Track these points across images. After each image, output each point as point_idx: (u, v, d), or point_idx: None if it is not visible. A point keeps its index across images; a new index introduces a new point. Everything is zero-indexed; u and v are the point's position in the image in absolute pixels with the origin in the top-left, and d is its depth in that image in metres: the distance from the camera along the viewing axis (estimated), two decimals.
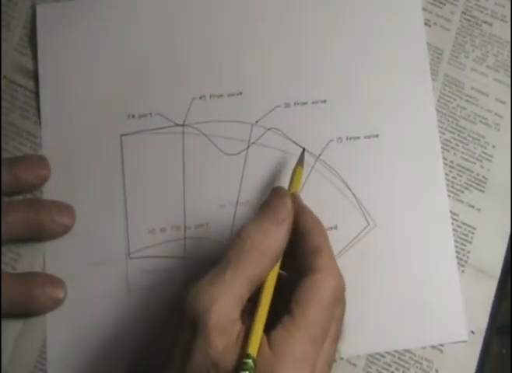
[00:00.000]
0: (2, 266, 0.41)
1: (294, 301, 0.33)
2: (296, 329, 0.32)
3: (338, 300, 0.34)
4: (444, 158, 0.44)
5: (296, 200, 0.37)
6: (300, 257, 0.35)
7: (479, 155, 0.44)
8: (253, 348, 0.31)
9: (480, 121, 0.44)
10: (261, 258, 0.33)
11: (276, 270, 0.35)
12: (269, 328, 0.33)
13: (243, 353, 0.31)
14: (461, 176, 0.44)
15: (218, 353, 0.31)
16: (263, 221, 0.35)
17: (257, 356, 0.31)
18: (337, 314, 0.34)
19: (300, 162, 0.40)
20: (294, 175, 0.40)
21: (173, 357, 0.32)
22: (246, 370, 0.31)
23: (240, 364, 0.31)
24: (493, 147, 0.44)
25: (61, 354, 0.40)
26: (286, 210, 0.35)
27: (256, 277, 0.33)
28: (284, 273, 0.36)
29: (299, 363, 0.31)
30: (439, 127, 0.44)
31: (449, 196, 0.43)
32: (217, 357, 0.31)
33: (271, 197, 0.36)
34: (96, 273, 0.41)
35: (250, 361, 0.31)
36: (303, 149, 0.41)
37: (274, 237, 0.34)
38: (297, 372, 0.31)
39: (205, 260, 0.41)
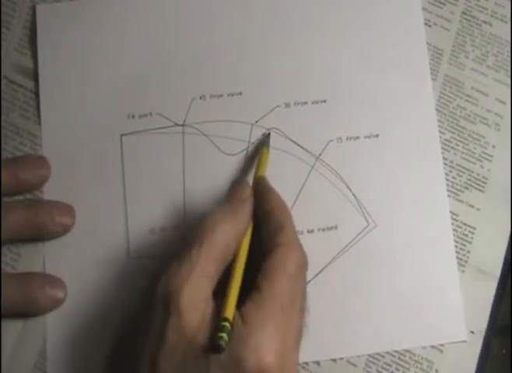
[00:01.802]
0: (2, 266, 0.41)
1: (260, 276, 0.34)
2: (264, 301, 0.33)
3: (302, 273, 0.35)
4: (444, 158, 0.44)
5: (262, 181, 0.39)
6: (265, 236, 0.36)
7: (479, 155, 0.44)
8: (229, 312, 0.32)
9: (480, 121, 0.44)
10: (223, 238, 0.34)
11: (247, 241, 0.36)
12: (241, 305, 0.33)
13: (220, 318, 0.32)
14: (461, 176, 0.44)
15: (192, 331, 0.32)
16: (224, 206, 0.36)
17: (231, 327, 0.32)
18: (300, 287, 0.35)
19: (266, 143, 0.41)
20: (260, 157, 0.40)
21: (148, 343, 0.33)
22: (224, 332, 0.31)
23: (216, 330, 0.31)
24: (493, 147, 0.44)
25: (61, 354, 0.40)
26: (245, 194, 0.37)
27: (220, 257, 0.34)
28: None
29: (271, 333, 0.32)
30: (439, 127, 0.44)
31: (449, 196, 0.43)
32: (192, 335, 0.32)
33: (232, 186, 0.38)
34: (96, 273, 0.41)
35: (227, 324, 0.31)
36: (269, 133, 0.42)
37: (234, 219, 0.35)
38: (269, 342, 0.32)
39: None
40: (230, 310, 0.32)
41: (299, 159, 0.43)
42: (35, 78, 0.44)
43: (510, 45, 0.45)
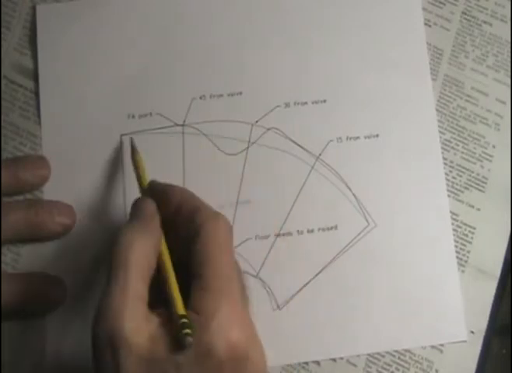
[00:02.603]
0: (2, 266, 0.41)
1: (196, 262, 0.33)
2: (209, 284, 0.32)
3: (230, 239, 0.35)
4: (444, 158, 0.44)
5: (154, 185, 0.38)
6: (184, 225, 0.35)
7: (479, 155, 0.44)
8: (181, 309, 0.31)
9: (480, 121, 0.44)
10: (143, 254, 0.33)
11: (165, 245, 0.35)
12: (187, 301, 0.32)
13: (176, 317, 0.31)
14: (461, 176, 0.44)
15: (147, 351, 0.30)
16: (132, 224, 0.35)
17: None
18: (232, 252, 0.35)
19: (133, 149, 0.41)
20: (137, 165, 0.40)
21: None
22: (186, 328, 0.30)
23: (178, 330, 0.30)
24: (493, 147, 0.44)
25: (61, 354, 0.40)
26: (150, 209, 0.36)
27: (145, 273, 0.33)
28: None
29: (226, 310, 0.32)
30: (439, 127, 0.44)
31: (449, 196, 0.43)
32: (148, 354, 0.30)
33: (134, 206, 0.37)
34: (96, 273, 0.41)
35: (186, 320, 0.31)
36: (131, 138, 0.42)
37: (147, 233, 0.34)
38: (228, 319, 0.31)
39: None
40: (181, 307, 0.32)
41: (299, 159, 0.43)
42: (35, 78, 0.44)
43: (510, 45, 0.45)
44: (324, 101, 0.44)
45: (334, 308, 0.41)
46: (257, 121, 0.43)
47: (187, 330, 0.30)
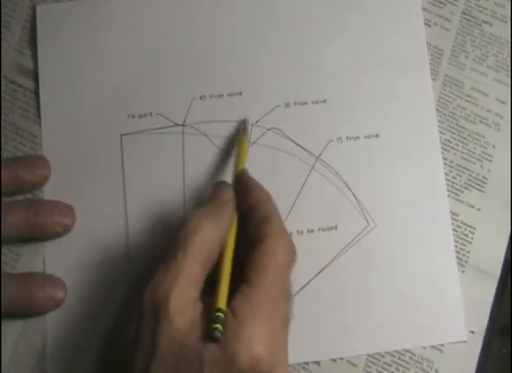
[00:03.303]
0: (2, 266, 0.41)
1: (249, 269, 0.34)
2: (254, 294, 0.33)
3: (291, 262, 0.35)
4: (444, 158, 0.44)
5: (244, 174, 0.38)
6: (251, 228, 0.35)
7: (479, 155, 0.44)
8: (222, 303, 0.32)
9: (480, 121, 0.44)
10: (208, 240, 0.34)
11: (232, 239, 0.35)
12: (230, 300, 0.33)
13: (214, 309, 0.31)
14: (461, 176, 0.44)
15: (183, 335, 0.31)
16: (206, 207, 0.36)
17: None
18: (288, 276, 0.35)
19: (243, 130, 0.41)
20: (239, 147, 0.40)
21: (139, 352, 0.32)
22: (218, 322, 0.31)
23: (210, 321, 0.31)
24: (493, 147, 0.44)
25: (61, 354, 0.40)
26: (227, 196, 0.36)
27: (205, 259, 0.34)
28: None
29: (261, 324, 0.32)
30: (439, 127, 0.44)
31: (449, 196, 0.43)
32: (183, 339, 0.31)
33: (213, 187, 0.37)
34: (96, 273, 0.41)
35: (221, 314, 0.31)
36: (245, 119, 0.42)
37: (217, 220, 0.35)
38: (260, 333, 0.32)
39: None
40: (222, 301, 0.32)
41: (299, 159, 0.43)
42: (35, 78, 0.44)
43: (510, 45, 0.45)
44: (324, 101, 0.44)
45: (334, 308, 0.41)
46: (257, 121, 0.43)
47: (218, 325, 0.31)
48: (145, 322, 0.32)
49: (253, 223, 0.36)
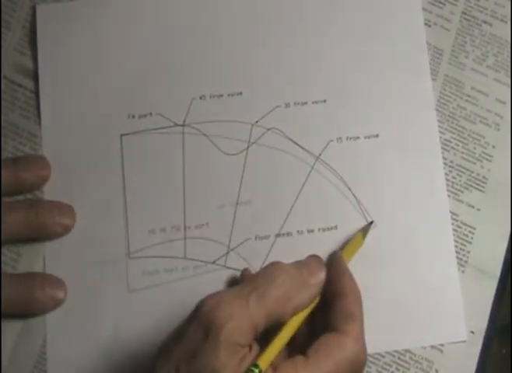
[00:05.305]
0: (2, 266, 0.41)
1: (313, 349, 0.34)
2: (304, 370, 0.33)
3: (359, 368, 0.35)
4: (444, 158, 0.44)
5: (341, 260, 0.38)
6: (331, 315, 0.36)
7: (479, 155, 0.44)
8: (263, 362, 0.32)
9: (480, 121, 0.44)
10: (286, 303, 0.34)
11: (304, 313, 0.36)
12: (279, 358, 0.33)
13: (252, 362, 0.32)
14: (461, 176, 0.44)
15: (220, 366, 0.31)
16: (300, 271, 0.36)
17: None
18: None
19: (365, 230, 0.41)
20: (352, 240, 0.41)
21: (179, 350, 0.32)
22: None
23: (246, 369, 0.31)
24: (493, 147, 0.44)
25: (61, 354, 0.40)
26: (319, 276, 0.37)
27: (275, 315, 0.34)
28: None
29: None
30: (439, 127, 0.44)
31: (449, 196, 0.43)
32: (218, 368, 0.31)
33: (313, 259, 0.38)
34: (96, 273, 0.41)
35: (256, 371, 0.31)
36: (372, 221, 0.42)
37: (303, 292, 0.35)
38: None
39: (205, 260, 0.41)
40: (265, 361, 0.32)
41: (299, 159, 0.43)
42: (35, 78, 0.44)
43: (510, 45, 0.45)
44: (324, 101, 0.44)
45: None
46: (257, 121, 0.43)
47: None
48: (196, 327, 0.32)
49: (335, 311, 0.36)
